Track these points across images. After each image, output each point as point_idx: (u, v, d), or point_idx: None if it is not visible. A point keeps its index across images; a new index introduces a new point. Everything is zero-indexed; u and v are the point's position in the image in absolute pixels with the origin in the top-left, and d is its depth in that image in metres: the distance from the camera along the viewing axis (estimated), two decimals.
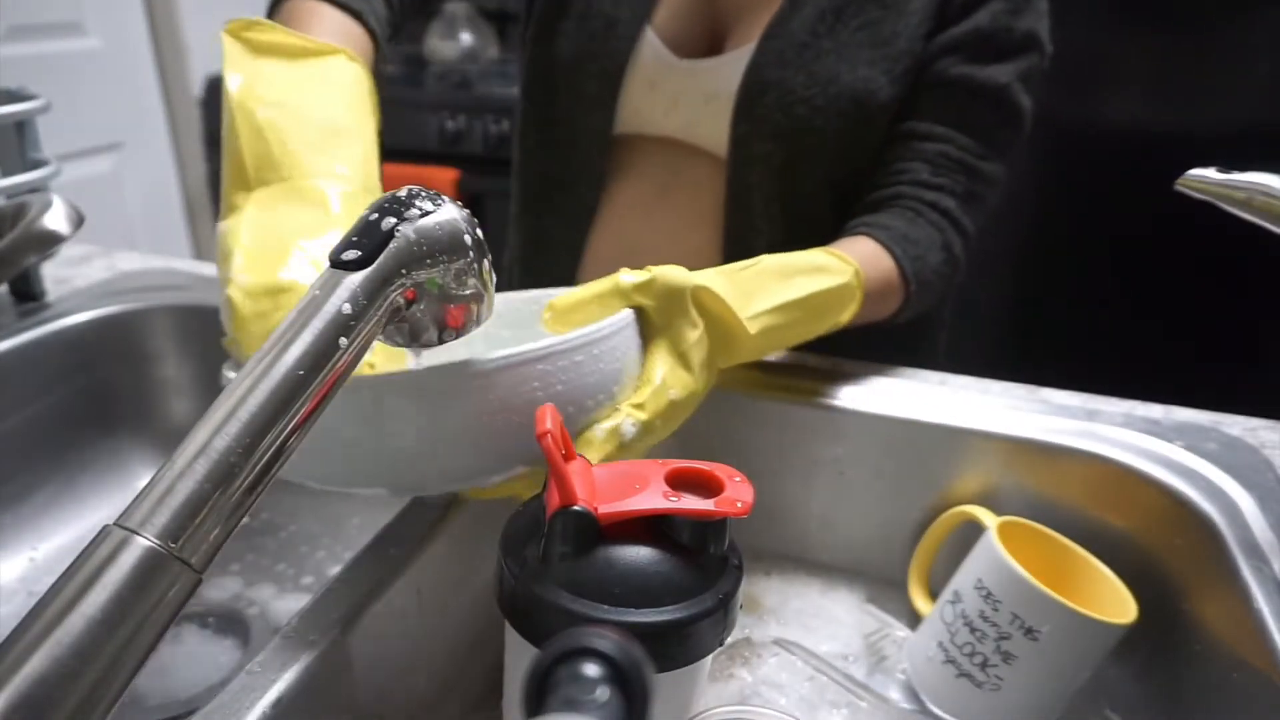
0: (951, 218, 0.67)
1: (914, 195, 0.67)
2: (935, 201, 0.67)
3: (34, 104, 0.65)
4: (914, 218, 0.66)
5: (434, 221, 0.33)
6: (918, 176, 0.67)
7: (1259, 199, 0.41)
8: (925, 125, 0.68)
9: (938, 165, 0.68)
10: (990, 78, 0.67)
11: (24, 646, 0.22)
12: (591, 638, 0.22)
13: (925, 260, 0.64)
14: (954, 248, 0.67)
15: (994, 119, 0.69)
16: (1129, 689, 0.50)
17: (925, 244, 0.65)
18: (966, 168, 0.68)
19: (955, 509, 0.54)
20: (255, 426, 0.27)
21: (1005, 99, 0.68)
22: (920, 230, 0.65)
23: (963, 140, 0.68)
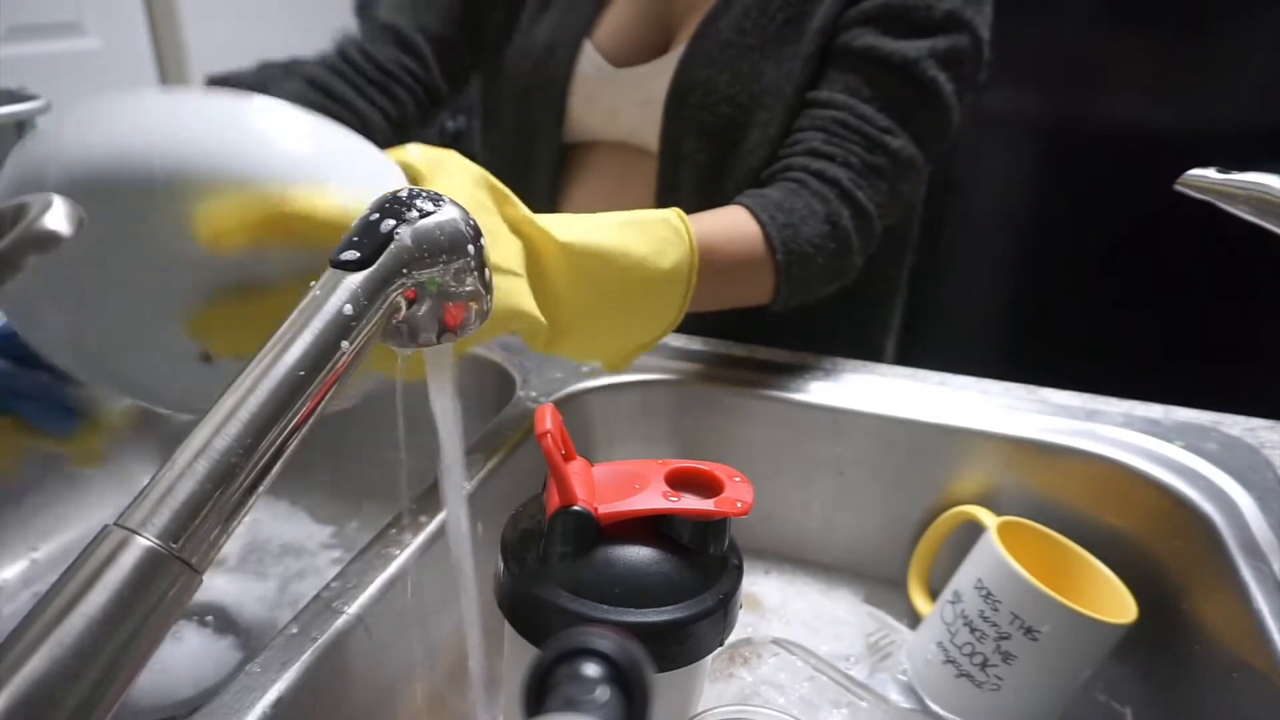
0: (841, 188, 0.62)
1: (802, 165, 0.64)
2: (822, 170, 0.63)
3: (34, 104, 0.65)
4: (796, 189, 0.63)
5: (434, 222, 0.33)
6: (810, 145, 0.64)
7: (1259, 199, 0.41)
8: (825, 94, 0.66)
9: (832, 133, 0.64)
10: (898, 50, 0.64)
11: (24, 646, 0.22)
12: (591, 638, 0.22)
13: (798, 230, 0.60)
14: (840, 220, 0.62)
15: (903, 93, 0.65)
16: (1129, 689, 0.50)
17: (801, 213, 0.61)
18: (865, 137, 0.64)
19: (955, 509, 0.54)
20: (255, 426, 0.27)
21: (916, 74, 0.64)
22: (798, 200, 0.61)
23: (864, 109, 0.64)
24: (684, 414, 0.61)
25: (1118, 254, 1.53)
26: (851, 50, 0.65)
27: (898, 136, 0.64)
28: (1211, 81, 1.40)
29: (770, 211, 0.59)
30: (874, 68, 0.65)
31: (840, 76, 0.66)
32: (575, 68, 0.74)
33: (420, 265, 0.33)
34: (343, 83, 0.75)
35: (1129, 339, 1.54)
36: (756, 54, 0.68)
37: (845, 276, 0.65)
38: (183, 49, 2.04)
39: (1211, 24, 1.37)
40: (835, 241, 0.62)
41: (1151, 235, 1.47)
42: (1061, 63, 1.45)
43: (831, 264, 0.63)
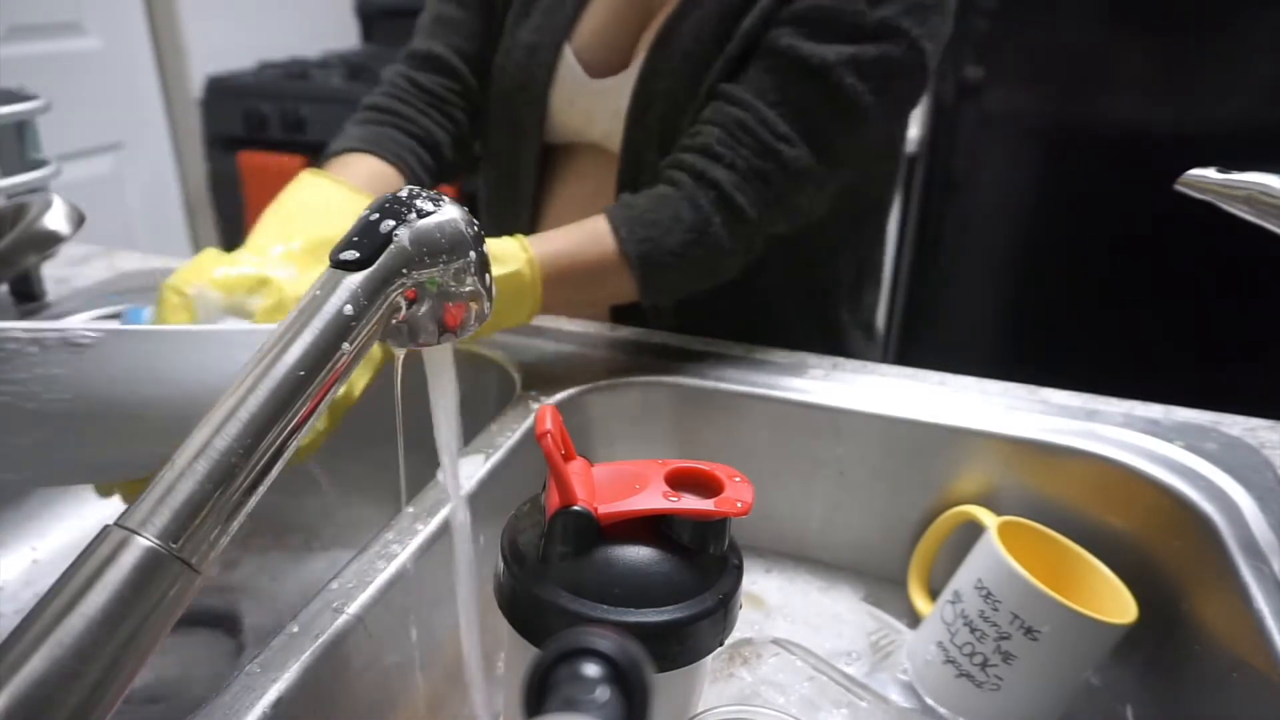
0: (720, 191, 0.62)
1: (690, 165, 0.63)
2: (704, 171, 0.62)
3: (34, 104, 0.65)
4: (667, 194, 0.63)
5: (434, 222, 0.33)
6: (704, 141, 0.63)
7: (1259, 199, 0.41)
8: (737, 90, 0.64)
9: (729, 132, 0.63)
10: (816, 54, 0.62)
11: (24, 646, 0.22)
12: (591, 638, 0.22)
13: (659, 242, 0.61)
14: (709, 226, 0.62)
15: (814, 100, 0.63)
16: (1129, 689, 0.50)
17: (666, 224, 0.61)
18: (760, 143, 0.62)
19: (955, 509, 0.54)
20: (255, 427, 0.27)
21: (831, 80, 0.62)
22: (666, 209, 0.62)
23: (766, 114, 0.63)
24: (684, 414, 0.61)
25: (1118, 254, 1.54)
26: (773, 48, 0.64)
27: (795, 146, 0.63)
28: (1211, 82, 1.40)
29: (630, 225, 0.62)
30: (788, 70, 0.63)
31: (755, 75, 0.64)
32: (556, 71, 0.74)
33: (420, 265, 0.33)
34: (405, 106, 0.77)
35: (1129, 339, 1.54)
36: (719, 62, 0.67)
37: (721, 274, 0.66)
38: (183, 49, 2.04)
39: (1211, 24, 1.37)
40: (702, 248, 0.62)
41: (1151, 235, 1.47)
42: (1061, 63, 1.45)
43: (699, 267, 0.63)
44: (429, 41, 0.79)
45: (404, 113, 0.76)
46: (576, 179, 0.78)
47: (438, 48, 0.79)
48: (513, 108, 0.77)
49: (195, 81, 2.08)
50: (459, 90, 0.79)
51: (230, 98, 2.06)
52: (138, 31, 1.98)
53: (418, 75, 0.78)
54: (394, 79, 0.79)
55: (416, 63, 0.79)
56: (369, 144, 0.72)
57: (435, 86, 0.78)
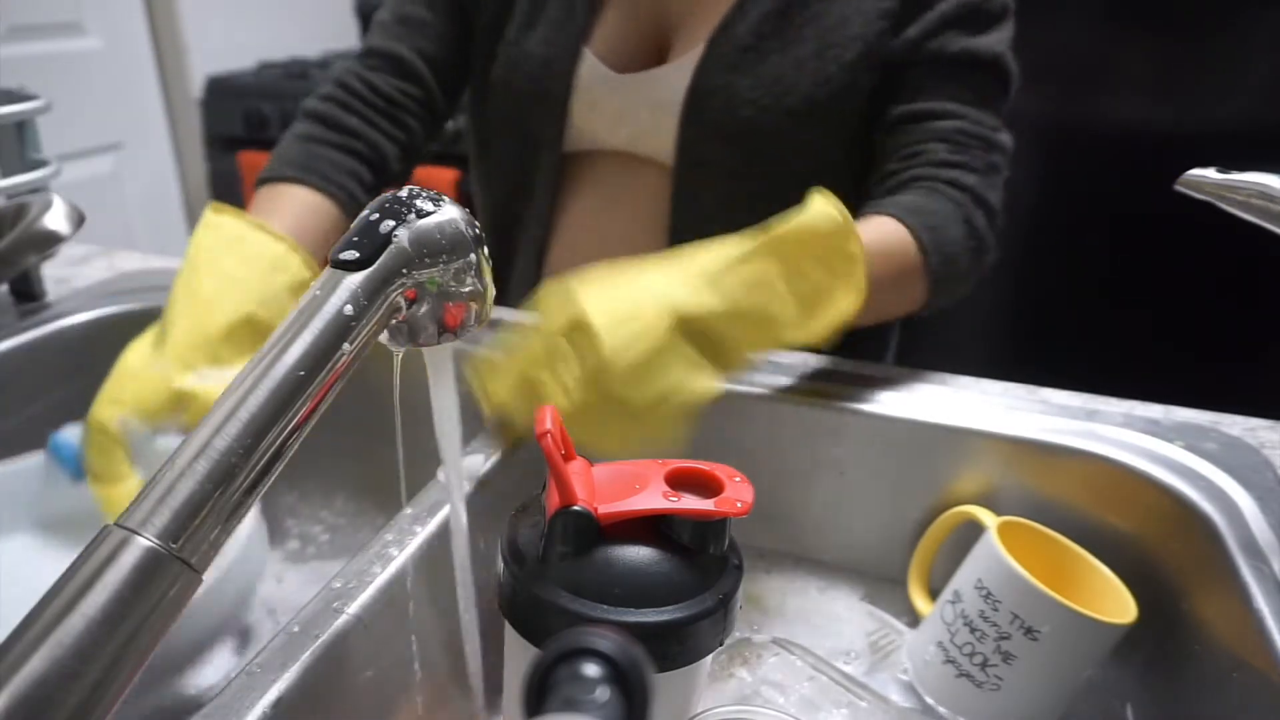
0: (973, 193, 0.65)
1: (931, 176, 0.65)
2: (954, 179, 0.65)
3: (34, 104, 0.65)
4: (928, 193, 0.65)
5: (434, 222, 0.33)
6: (935, 157, 0.66)
7: (1259, 199, 0.41)
8: (937, 104, 0.67)
9: (955, 143, 0.66)
10: (989, 47, 0.67)
11: (24, 646, 0.22)
12: (591, 638, 0.22)
13: (945, 231, 0.62)
14: (975, 221, 0.65)
15: (996, 89, 0.68)
16: (1129, 689, 0.50)
17: (943, 215, 0.63)
18: (985, 141, 0.67)
19: (955, 509, 0.54)
20: (255, 427, 0.27)
21: (1003, 68, 0.68)
22: (935, 203, 0.63)
23: (975, 114, 0.67)
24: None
25: (1118, 254, 1.53)
26: (945, 55, 0.67)
27: (1002, 131, 0.68)
28: (1211, 82, 1.40)
29: (916, 216, 0.61)
30: (970, 69, 0.67)
31: (940, 85, 0.67)
32: (575, 77, 0.73)
33: (420, 265, 0.33)
34: (351, 116, 0.74)
35: (1129, 339, 1.54)
36: (777, 57, 0.68)
37: (979, 272, 0.67)
38: (183, 49, 2.04)
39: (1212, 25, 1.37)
40: (975, 241, 0.64)
41: (1152, 235, 1.47)
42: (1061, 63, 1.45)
43: (973, 264, 0.65)
44: (391, 42, 0.76)
45: (348, 125, 0.73)
46: (593, 186, 0.77)
47: (401, 49, 0.76)
48: (526, 120, 0.76)
49: (195, 81, 2.08)
50: (419, 96, 0.77)
51: (230, 98, 2.06)
52: (138, 31, 1.98)
53: (373, 77, 0.75)
54: (346, 79, 0.76)
55: (376, 63, 0.76)
56: (303, 172, 0.69)
57: (392, 90, 0.75)
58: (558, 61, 0.73)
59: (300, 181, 0.68)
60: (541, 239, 0.79)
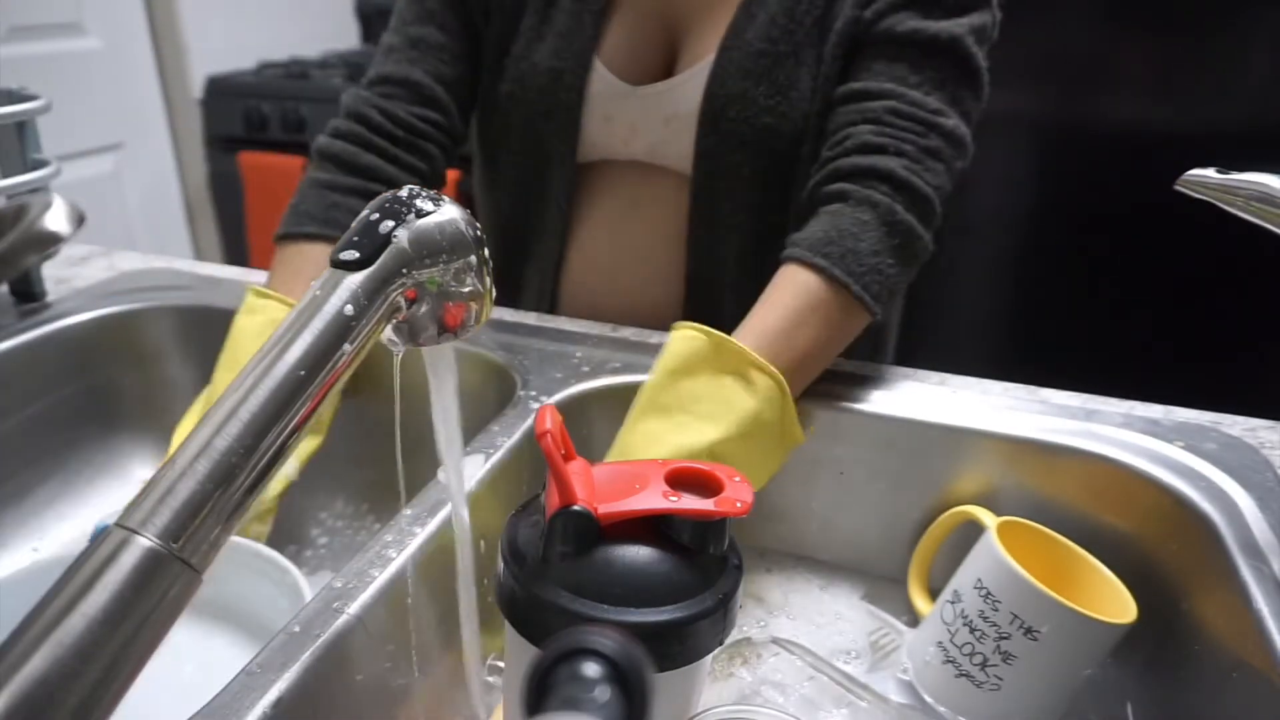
0: (894, 180, 0.61)
1: (850, 167, 0.62)
2: (872, 166, 0.61)
3: (34, 104, 0.65)
4: (837, 210, 0.61)
5: (434, 222, 0.33)
6: (859, 139, 0.62)
7: (1258, 199, 0.41)
8: (873, 84, 0.64)
9: (883, 124, 0.62)
10: (944, 29, 0.63)
11: (25, 646, 0.22)
12: (591, 638, 0.22)
13: (857, 250, 0.58)
14: (895, 215, 0.60)
15: (949, 73, 0.64)
16: (1129, 689, 0.50)
17: (854, 233, 0.59)
18: (918, 121, 0.62)
19: (955, 509, 0.54)
20: (256, 426, 0.27)
21: (961, 52, 0.64)
22: (843, 221, 0.60)
23: (913, 95, 0.63)
24: None
25: (1118, 254, 1.53)
26: (894, 36, 0.64)
27: (949, 117, 0.64)
28: (1211, 82, 1.40)
29: (822, 251, 0.58)
30: (919, 51, 0.64)
31: (883, 66, 0.65)
32: (587, 88, 0.73)
33: (420, 265, 0.33)
34: (369, 153, 0.69)
35: (1129, 339, 1.54)
36: (791, 60, 0.68)
37: (920, 259, 0.64)
38: (183, 49, 2.04)
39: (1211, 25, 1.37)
40: (896, 237, 0.60)
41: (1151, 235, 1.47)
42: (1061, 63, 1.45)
43: (902, 260, 0.61)
44: (405, 67, 0.72)
45: (365, 164, 0.69)
46: (609, 196, 0.76)
47: (416, 73, 0.72)
48: (537, 134, 0.75)
49: (195, 81, 2.08)
50: (439, 122, 0.73)
51: (230, 98, 2.06)
52: (138, 31, 1.98)
53: (390, 106, 0.71)
54: (361, 110, 0.71)
55: (390, 90, 0.72)
56: (323, 226, 0.66)
57: (411, 119, 0.71)
58: (569, 74, 0.73)
59: (322, 238, 0.66)
60: (557, 250, 0.78)
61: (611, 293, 0.78)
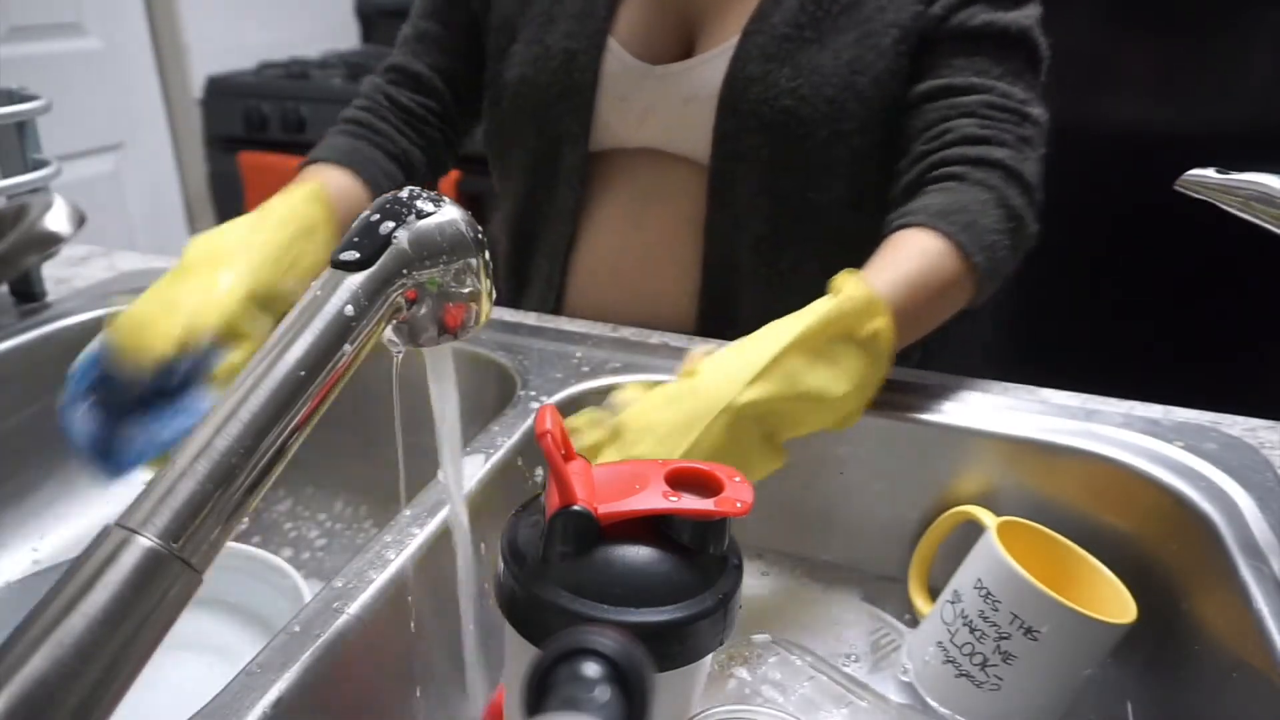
0: (1005, 168, 0.63)
1: (958, 157, 0.64)
2: (983, 156, 0.63)
3: (35, 104, 0.65)
4: (953, 187, 0.63)
5: (435, 223, 0.33)
6: (963, 132, 0.64)
7: (1258, 199, 0.41)
8: (961, 79, 0.66)
9: (984, 116, 0.65)
10: (1015, 21, 0.66)
11: (25, 645, 0.22)
12: (591, 638, 0.22)
13: (980, 223, 0.60)
14: (1010, 200, 0.62)
15: (1024, 64, 0.67)
16: (1129, 689, 0.50)
17: (975, 208, 0.61)
18: (1015, 113, 0.65)
19: (955, 509, 0.54)
20: (256, 427, 0.27)
21: (1031, 43, 0.67)
22: (965, 196, 0.62)
23: (1002, 86, 0.66)
24: None
25: (1117, 254, 1.53)
26: (970, 29, 0.66)
27: (1035, 105, 0.67)
28: (1212, 82, 1.40)
29: (946, 219, 0.59)
30: (995, 44, 0.66)
31: (963, 60, 0.66)
32: (601, 68, 0.72)
33: (421, 265, 0.33)
34: (382, 123, 0.77)
35: (1128, 339, 1.54)
36: (815, 46, 0.68)
37: (1026, 248, 0.66)
38: (183, 49, 2.04)
39: (1212, 25, 1.37)
40: (1012, 222, 0.62)
41: (1151, 236, 1.47)
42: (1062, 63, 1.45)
43: (1014, 244, 0.63)
44: (409, 59, 0.80)
45: (382, 129, 0.77)
46: (620, 185, 0.76)
47: (417, 65, 0.80)
48: (548, 118, 0.75)
49: (195, 81, 2.08)
50: (436, 109, 0.80)
51: (230, 98, 2.06)
52: (138, 32, 1.99)
53: (393, 91, 0.79)
54: (372, 93, 0.80)
55: (396, 77, 0.80)
56: (345, 157, 0.72)
57: (412, 104, 0.79)
58: (582, 54, 0.72)
59: (341, 165, 0.71)
60: (566, 240, 0.78)
61: (622, 283, 0.77)
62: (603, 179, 0.77)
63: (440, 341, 0.36)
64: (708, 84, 0.70)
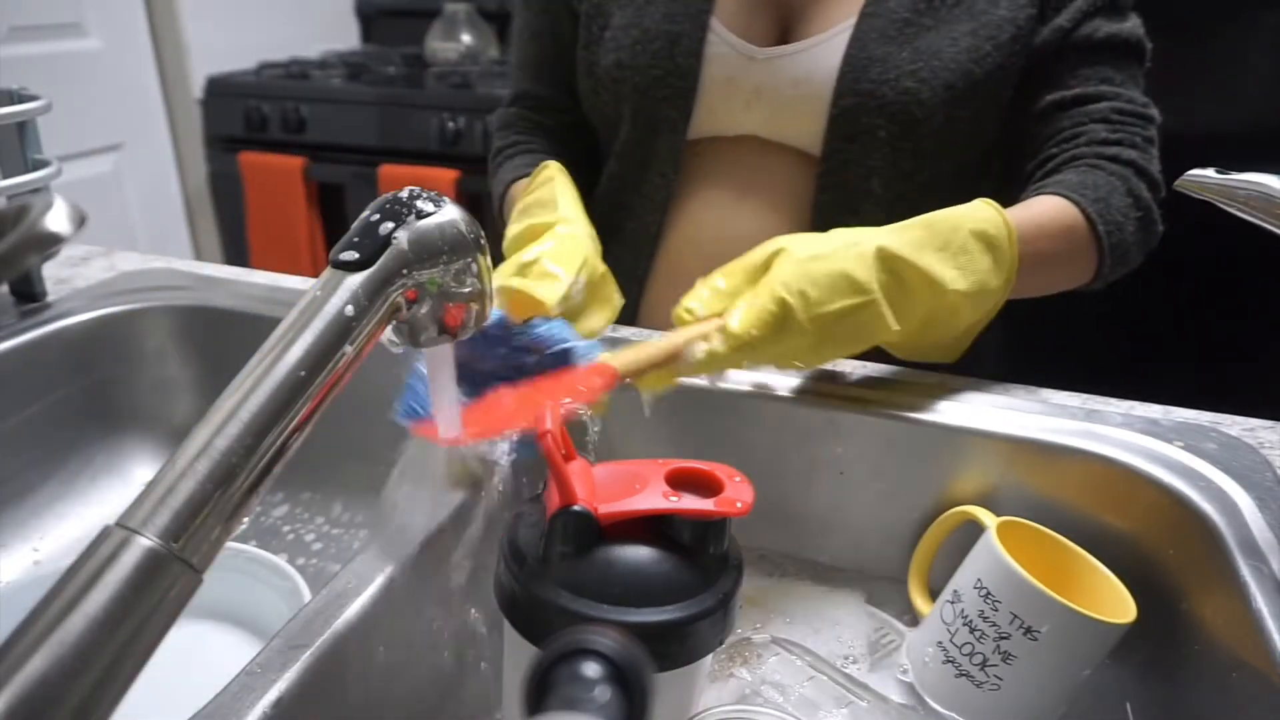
0: (1135, 166, 0.67)
1: (1092, 155, 0.67)
2: (1115, 155, 0.67)
3: (35, 105, 0.65)
4: (1088, 169, 0.66)
5: (435, 223, 0.33)
6: (1094, 136, 0.68)
7: (1258, 199, 0.41)
8: (1091, 88, 0.69)
9: (1113, 122, 0.68)
10: (1132, 31, 0.69)
11: (25, 646, 0.22)
12: (591, 638, 0.22)
13: (1109, 203, 0.64)
14: (1140, 192, 0.66)
15: (1137, 69, 0.71)
16: (1129, 688, 0.50)
17: (1105, 188, 0.64)
18: (1140, 117, 0.69)
19: (955, 509, 0.54)
20: (256, 427, 0.27)
21: (1142, 50, 0.70)
22: (1098, 177, 0.65)
23: (1127, 93, 0.69)
24: (684, 414, 0.61)
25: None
26: (1094, 40, 0.68)
27: (1152, 108, 0.70)
28: (1211, 83, 1.40)
29: (1079, 191, 0.63)
30: (1115, 53, 0.69)
31: (1089, 70, 0.69)
32: (705, 50, 0.71)
33: (421, 265, 0.33)
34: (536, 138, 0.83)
35: (1129, 339, 1.54)
36: (933, 33, 0.68)
37: (1152, 245, 0.69)
38: (183, 49, 2.04)
39: (1212, 25, 1.37)
40: (1140, 211, 0.66)
41: None
42: None
43: (1141, 234, 0.67)
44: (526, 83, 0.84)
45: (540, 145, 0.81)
46: (719, 176, 0.75)
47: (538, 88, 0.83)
48: (648, 102, 0.74)
49: (195, 81, 2.08)
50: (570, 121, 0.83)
51: (230, 98, 2.06)
52: (138, 32, 1.98)
53: (533, 115, 0.84)
54: (512, 121, 0.84)
55: (527, 104, 0.84)
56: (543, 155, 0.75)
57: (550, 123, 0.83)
58: (686, 38, 0.71)
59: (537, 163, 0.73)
60: (656, 226, 0.76)
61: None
62: (697, 169, 0.75)
63: (440, 341, 0.36)
64: (821, 67, 0.69)
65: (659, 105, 0.73)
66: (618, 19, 0.74)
